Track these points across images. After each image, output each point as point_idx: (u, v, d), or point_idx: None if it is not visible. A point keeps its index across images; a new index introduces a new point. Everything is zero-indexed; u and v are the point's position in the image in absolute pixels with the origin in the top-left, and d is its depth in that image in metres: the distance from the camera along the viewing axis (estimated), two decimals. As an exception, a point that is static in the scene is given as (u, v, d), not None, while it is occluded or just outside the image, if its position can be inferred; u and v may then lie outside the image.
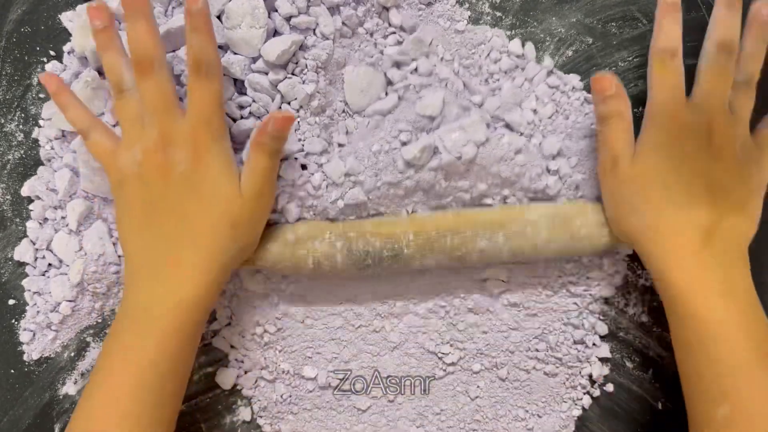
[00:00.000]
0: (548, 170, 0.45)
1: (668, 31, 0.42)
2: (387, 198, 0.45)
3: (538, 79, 0.46)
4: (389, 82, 0.45)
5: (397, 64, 0.45)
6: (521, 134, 0.45)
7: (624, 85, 0.46)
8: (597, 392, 0.50)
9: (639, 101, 0.47)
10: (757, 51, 0.42)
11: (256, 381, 0.50)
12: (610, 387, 0.50)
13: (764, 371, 0.38)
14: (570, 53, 0.47)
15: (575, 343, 0.49)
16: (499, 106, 0.45)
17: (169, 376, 0.40)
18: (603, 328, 0.49)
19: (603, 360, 0.50)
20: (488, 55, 0.46)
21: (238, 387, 0.51)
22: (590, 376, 0.50)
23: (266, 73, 0.43)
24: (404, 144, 0.43)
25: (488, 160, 0.44)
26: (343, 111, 0.45)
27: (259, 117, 0.44)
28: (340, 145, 0.44)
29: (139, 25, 0.39)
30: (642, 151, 0.42)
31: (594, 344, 0.49)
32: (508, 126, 0.46)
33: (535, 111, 0.46)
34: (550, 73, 0.46)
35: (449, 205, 0.46)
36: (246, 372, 0.50)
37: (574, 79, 0.46)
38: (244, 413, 0.51)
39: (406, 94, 0.44)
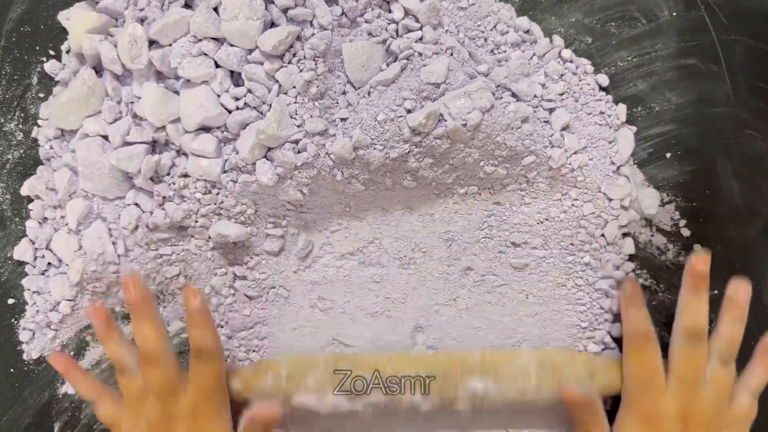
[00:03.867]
0: (551, 144, 0.45)
1: (635, 318, 0.42)
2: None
3: (550, 56, 0.46)
4: (390, 54, 0.44)
5: (399, 34, 0.44)
6: (528, 104, 0.45)
7: (623, 84, 0.47)
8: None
9: (637, 101, 0.47)
10: (734, 333, 0.42)
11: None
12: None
13: None
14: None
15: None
16: (506, 75, 0.45)
17: None
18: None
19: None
20: (495, 26, 0.46)
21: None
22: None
23: (262, 64, 0.42)
24: (409, 111, 0.43)
25: (493, 128, 0.43)
26: (344, 92, 0.44)
27: (255, 107, 0.43)
28: (342, 120, 0.44)
29: (143, 324, 0.42)
30: None
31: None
32: (514, 96, 0.45)
33: (543, 85, 0.45)
34: (561, 51, 0.46)
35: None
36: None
37: (586, 63, 0.46)
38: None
39: (410, 63, 0.43)
